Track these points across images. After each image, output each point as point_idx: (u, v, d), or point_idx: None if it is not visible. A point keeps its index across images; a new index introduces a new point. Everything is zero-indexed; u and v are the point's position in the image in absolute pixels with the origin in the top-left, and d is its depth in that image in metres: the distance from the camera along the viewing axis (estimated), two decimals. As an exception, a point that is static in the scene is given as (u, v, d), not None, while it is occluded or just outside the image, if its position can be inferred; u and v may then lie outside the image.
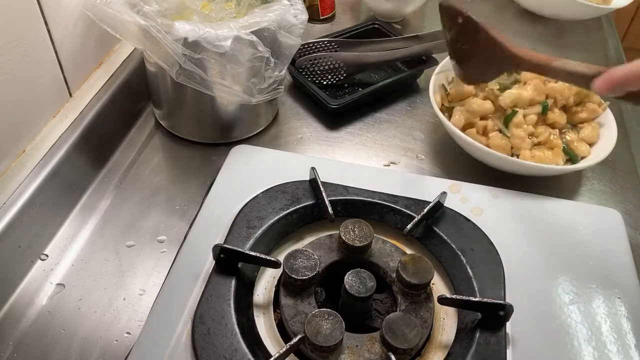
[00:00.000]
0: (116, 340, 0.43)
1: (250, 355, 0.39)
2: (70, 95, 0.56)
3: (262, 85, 0.54)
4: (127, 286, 0.47)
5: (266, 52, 0.51)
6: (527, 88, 0.58)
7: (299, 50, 0.62)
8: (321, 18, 0.80)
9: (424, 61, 0.69)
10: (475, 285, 0.44)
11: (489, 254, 0.46)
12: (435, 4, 0.86)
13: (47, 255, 0.49)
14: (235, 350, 0.39)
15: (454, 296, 0.43)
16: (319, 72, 0.67)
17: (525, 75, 0.60)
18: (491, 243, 0.47)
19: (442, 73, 0.62)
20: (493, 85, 0.60)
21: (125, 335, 0.44)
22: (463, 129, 0.57)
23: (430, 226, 0.48)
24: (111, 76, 0.59)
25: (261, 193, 0.50)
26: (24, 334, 0.43)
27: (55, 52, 0.52)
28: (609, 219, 0.51)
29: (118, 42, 0.62)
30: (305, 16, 0.54)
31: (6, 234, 0.45)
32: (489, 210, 0.50)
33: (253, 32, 0.50)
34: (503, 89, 0.59)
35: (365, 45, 0.71)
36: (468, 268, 0.45)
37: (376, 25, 0.75)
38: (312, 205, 0.49)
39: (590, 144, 0.57)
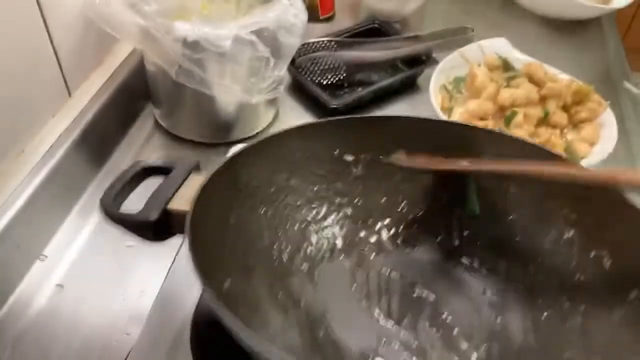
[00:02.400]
0: (116, 341, 0.43)
1: (249, 357, 0.38)
2: (70, 95, 0.56)
3: (262, 85, 0.54)
4: (127, 286, 0.47)
5: (266, 52, 0.51)
6: (524, 86, 0.58)
7: (298, 50, 0.62)
8: (321, 18, 0.80)
9: (424, 61, 0.68)
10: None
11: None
12: (434, 3, 0.86)
13: (47, 256, 0.49)
14: (235, 351, 0.39)
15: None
16: (319, 71, 0.67)
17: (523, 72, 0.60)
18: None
19: (442, 73, 0.62)
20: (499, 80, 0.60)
21: (125, 335, 0.44)
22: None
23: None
24: (110, 76, 0.59)
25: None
26: (24, 334, 0.43)
27: (55, 51, 0.52)
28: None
29: (117, 42, 0.62)
30: (305, 16, 0.54)
31: (5, 234, 0.45)
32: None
33: (253, 32, 0.50)
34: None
35: (365, 45, 0.71)
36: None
37: (376, 25, 0.75)
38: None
39: (591, 144, 0.57)
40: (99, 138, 0.56)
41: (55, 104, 0.54)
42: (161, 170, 0.39)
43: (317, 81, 0.67)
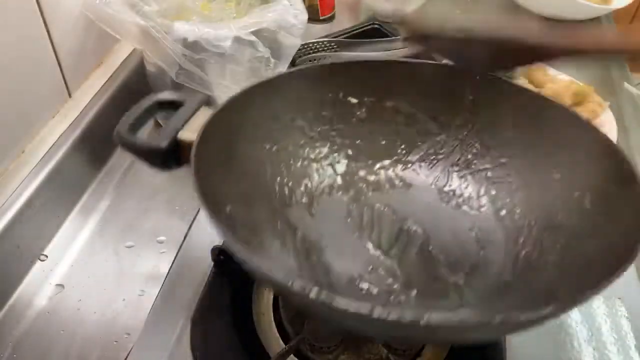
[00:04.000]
0: (115, 341, 0.43)
1: (249, 357, 0.39)
2: (70, 95, 0.56)
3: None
4: (127, 287, 0.47)
5: (266, 52, 0.51)
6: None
7: (298, 50, 0.62)
8: (321, 18, 0.80)
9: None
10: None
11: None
12: (435, 3, 0.86)
13: (47, 256, 0.49)
14: (234, 351, 0.39)
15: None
16: (318, 72, 0.67)
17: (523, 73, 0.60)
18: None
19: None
20: None
21: (125, 336, 0.44)
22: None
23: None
24: (111, 76, 0.59)
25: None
26: (24, 334, 0.43)
27: (55, 52, 0.52)
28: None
29: (118, 42, 0.62)
30: (305, 16, 0.54)
31: (5, 235, 0.45)
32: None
33: (253, 32, 0.50)
34: None
35: (365, 45, 0.71)
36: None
37: (376, 25, 0.75)
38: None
39: (591, 144, 0.57)
40: (99, 139, 0.56)
41: (56, 105, 0.54)
42: (173, 104, 0.40)
43: (317, 81, 0.67)
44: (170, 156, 0.37)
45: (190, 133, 0.37)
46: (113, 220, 0.52)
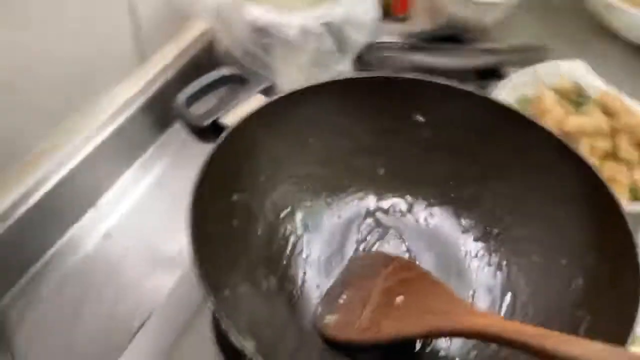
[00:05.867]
0: (150, 290, 0.46)
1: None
2: (142, 61, 0.59)
3: (324, 76, 0.54)
4: (170, 247, 0.49)
5: (331, 45, 0.52)
6: (595, 115, 0.55)
7: (368, 47, 0.61)
8: (394, 17, 0.79)
9: (497, 75, 0.66)
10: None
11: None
12: (519, 17, 0.82)
13: (99, 206, 0.52)
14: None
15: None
16: (384, 71, 0.66)
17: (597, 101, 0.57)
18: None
19: (512, 89, 0.60)
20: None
21: (160, 286, 0.46)
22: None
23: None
24: (183, 50, 0.61)
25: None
26: (67, 275, 0.47)
27: (135, 17, 0.54)
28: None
29: (193, 19, 0.64)
30: (375, 13, 0.54)
31: (66, 180, 0.48)
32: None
33: (320, 24, 0.51)
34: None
35: (437, 51, 0.69)
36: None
37: (452, 32, 0.73)
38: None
39: (660, 186, 0.53)
40: (165, 104, 0.58)
41: (128, 69, 0.57)
42: (239, 79, 0.45)
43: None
44: (210, 133, 0.39)
45: (232, 118, 0.39)
46: (166, 185, 0.55)
